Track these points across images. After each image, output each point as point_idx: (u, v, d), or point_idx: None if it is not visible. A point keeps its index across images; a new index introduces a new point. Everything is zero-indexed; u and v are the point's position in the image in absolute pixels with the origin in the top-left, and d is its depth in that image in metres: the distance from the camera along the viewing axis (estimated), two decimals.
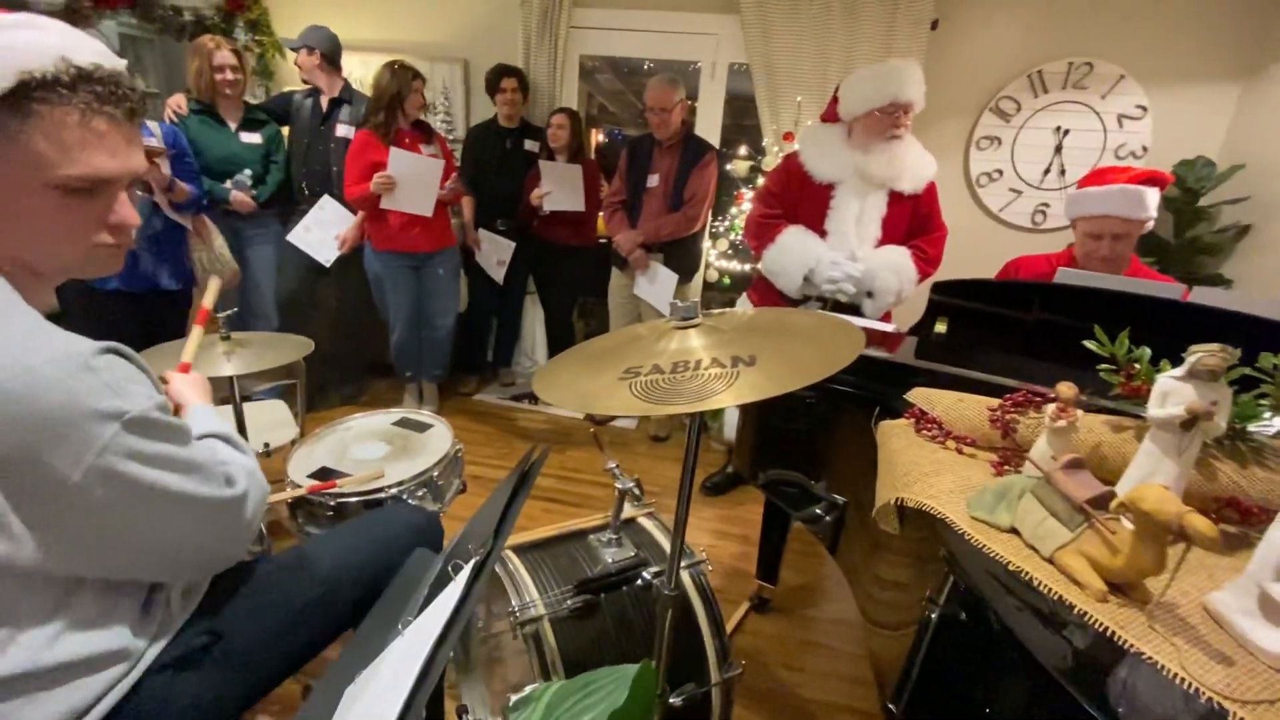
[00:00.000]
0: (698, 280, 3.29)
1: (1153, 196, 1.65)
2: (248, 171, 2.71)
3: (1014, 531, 0.69)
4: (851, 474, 1.09)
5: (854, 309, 2.03)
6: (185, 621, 0.85)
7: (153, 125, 2.21)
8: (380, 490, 1.38)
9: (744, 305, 2.38)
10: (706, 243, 3.20)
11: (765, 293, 2.23)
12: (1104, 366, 0.84)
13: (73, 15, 3.92)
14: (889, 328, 1.68)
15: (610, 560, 1.28)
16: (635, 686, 0.48)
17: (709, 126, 3.26)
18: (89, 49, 0.68)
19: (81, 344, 0.66)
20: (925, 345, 1.48)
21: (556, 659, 1.13)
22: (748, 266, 3.10)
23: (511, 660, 1.46)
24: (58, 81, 0.64)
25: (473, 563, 0.67)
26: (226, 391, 1.50)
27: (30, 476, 0.62)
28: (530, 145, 3.19)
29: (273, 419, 2.11)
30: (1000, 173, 2.93)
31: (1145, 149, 2.77)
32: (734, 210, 3.12)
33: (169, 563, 0.77)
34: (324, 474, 1.43)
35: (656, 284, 2.91)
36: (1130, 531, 0.57)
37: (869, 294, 1.99)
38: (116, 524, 0.69)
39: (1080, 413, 0.77)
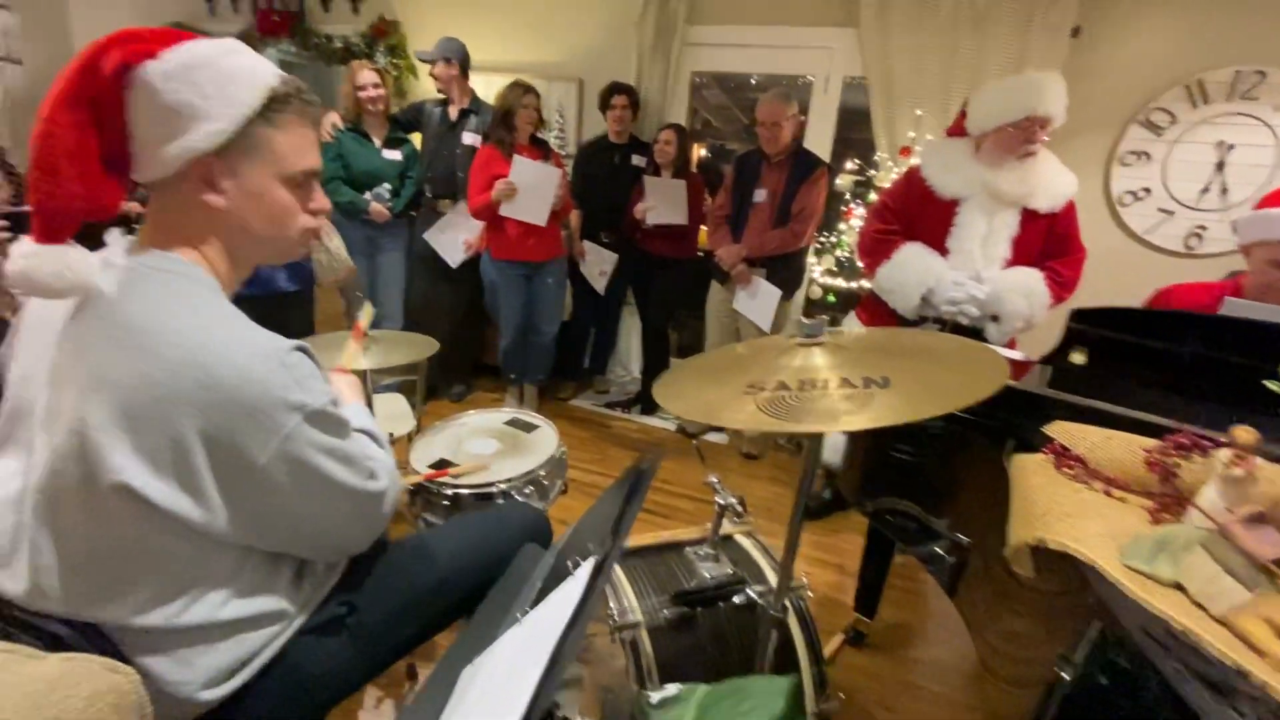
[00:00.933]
0: (800, 296, 3.23)
1: None
2: (387, 185, 2.98)
3: (1177, 587, 0.63)
4: (978, 512, 1.03)
5: (975, 333, 1.91)
6: (327, 593, 0.94)
7: None
8: (491, 485, 1.46)
9: (852, 324, 2.31)
10: (811, 258, 3.13)
11: (875, 312, 2.14)
12: None
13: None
14: (1016, 355, 1.57)
15: (708, 575, 1.28)
16: (789, 699, 0.48)
17: (819, 141, 3.20)
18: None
19: (279, 341, 0.76)
20: (1060, 376, 1.37)
21: (652, 666, 1.14)
22: (854, 284, 3.00)
23: (603, 662, 1.48)
24: (286, 95, 0.77)
25: (593, 560, 0.69)
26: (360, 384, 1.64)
27: (229, 455, 0.71)
28: (637, 160, 3.27)
29: (393, 411, 2.28)
30: (1148, 191, 2.66)
31: None
32: (841, 226, 3.04)
33: (316, 543, 0.86)
34: (441, 465, 1.53)
35: (757, 299, 2.88)
36: None
37: (994, 318, 1.86)
38: (284, 504, 0.78)
39: (1260, 461, 0.69)
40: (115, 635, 0.74)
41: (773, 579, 1.34)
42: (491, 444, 1.63)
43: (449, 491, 1.44)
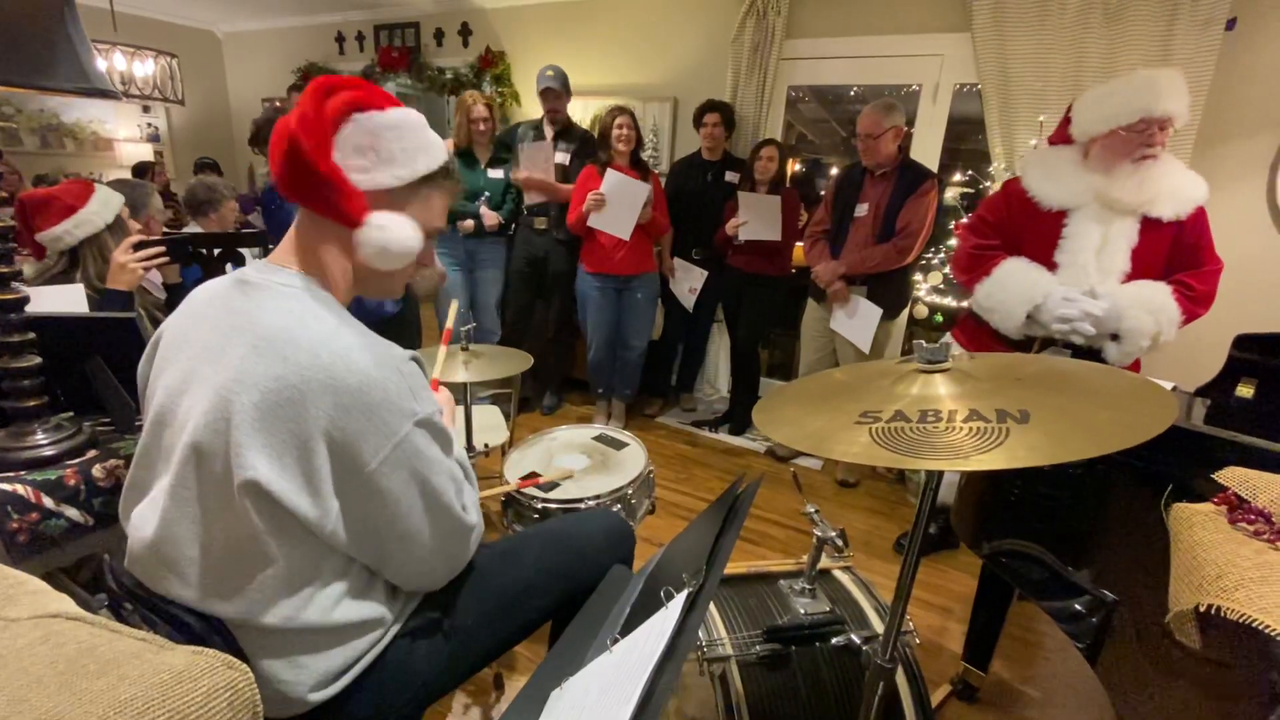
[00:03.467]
0: (903, 317, 3.06)
1: None
2: (486, 194, 3.14)
3: None
4: (1128, 565, 0.89)
5: (1092, 354, 1.70)
6: (421, 599, 0.96)
7: None
8: (580, 501, 1.46)
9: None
10: (916, 276, 2.96)
11: (974, 333, 1.96)
12: None
13: (369, 79, 4.88)
14: (1167, 385, 1.38)
15: (803, 611, 1.21)
16: None
17: (927, 152, 3.04)
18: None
19: (396, 350, 0.82)
20: (1221, 411, 1.20)
21: (742, 704, 1.09)
22: (964, 303, 2.80)
23: (691, 691, 1.44)
24: (447, 169, 0.92)
25: (686, 593, 0.66)
26: (460, 395, 1.70)
27: (346, 456, 0.75)
28: (731, 176, 3.24)
29: (488, 422, 2.36)
30: None
31: None
32: (951, 242, 2.85)
33: (405, 560, 0.87)
34: (532, 475, 1.55)
35: (856, 318, 2.75)
36: None
37: (1114, 336, 1.65)
38: (385, 513, 0.81)
39: None
40: (238, 633, 0.79)
41: (875, 621, 1.24)
42: (581, 459, 1.64)
43: (539, 506, 1.46)
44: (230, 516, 0.76)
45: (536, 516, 1.47)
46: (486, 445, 1.85)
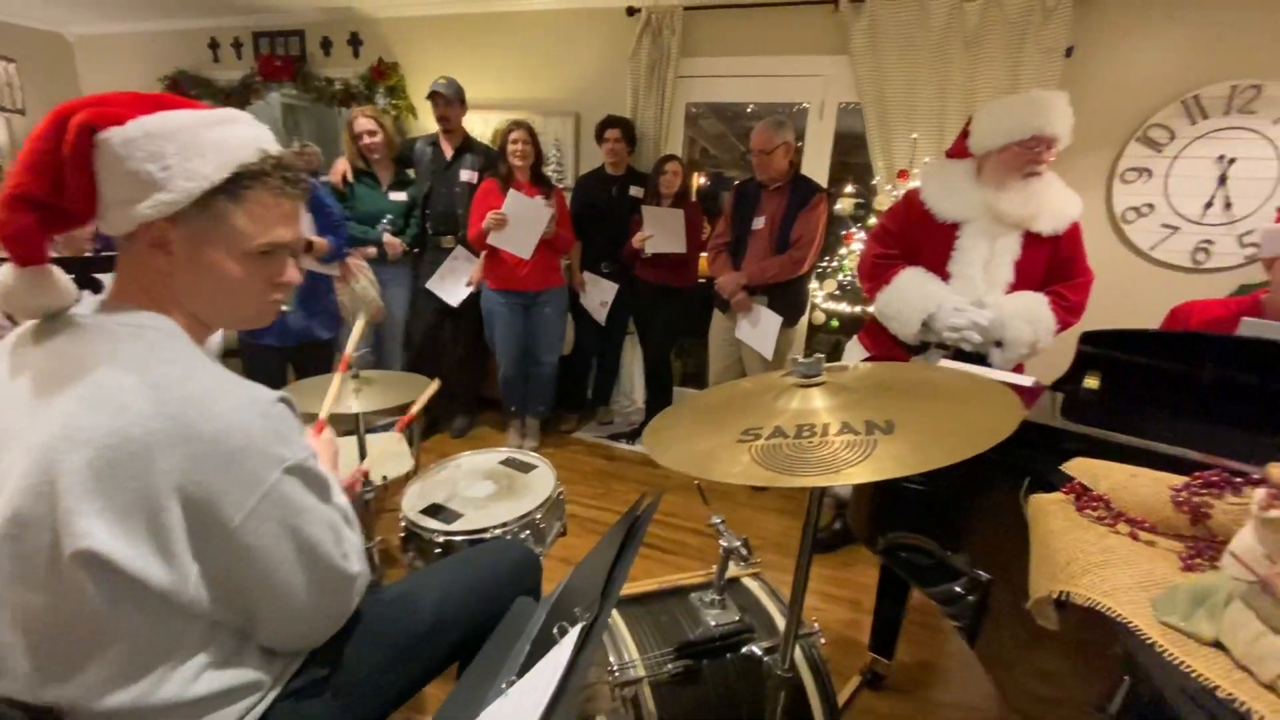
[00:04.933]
0: (803, 323, 3.19)
1: None
2: (389, 216, 3.00)
3: (1218, 646, 0.57)
4: (1000, 545, 0.96)
5: (979, 358, 1.86)
6: (305, 656, 0.88)
7: None
8: (485, 531, 1.41)
9: (855, 349, 2.26)
10: (813, 283, 3.10)
11: (878, 337, 2.10)
12: None
13: (247, 89, 4.56)
14: (1025, 380, 1.51)
15: (713, 623, 1.22)
16: None
17: (816, 167, 3.20)
18: (269, 137, 0.80)
19: (260, 391, 0.74)
20: (1073, 403, 1.32)
21: None
22: (858, 309, 2.97)
23: (605, 715, 1.41)
24: (262, 170, 0.76)
25: (579, 628, 0.64)
26: (352, 426, 1.60)
27: (205, 513, 0.68)
28: (635, 191, 3.28)
29: (390, 451, 2.24)
30: (1151, 207, 2.63)
31: None
32: (842, 251, 3.02)
33: (280, 620, 0.79)
34: (434, 511, 1.48)
35: (759, 327, 2.85)
36: None
37: (998, 344, 1.81)
38: (256, 570, 0.73)
39: None
40: None
41: (782, 626, 1.27)
42: (487, 486, 1.58)
43: (441, 539, 1.39)
44: (59, 593, 0.66)
45: (439, 550, 1.40)
46: (385, 478, 1.75)
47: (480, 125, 3.73)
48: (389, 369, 3.22)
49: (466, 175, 3.13)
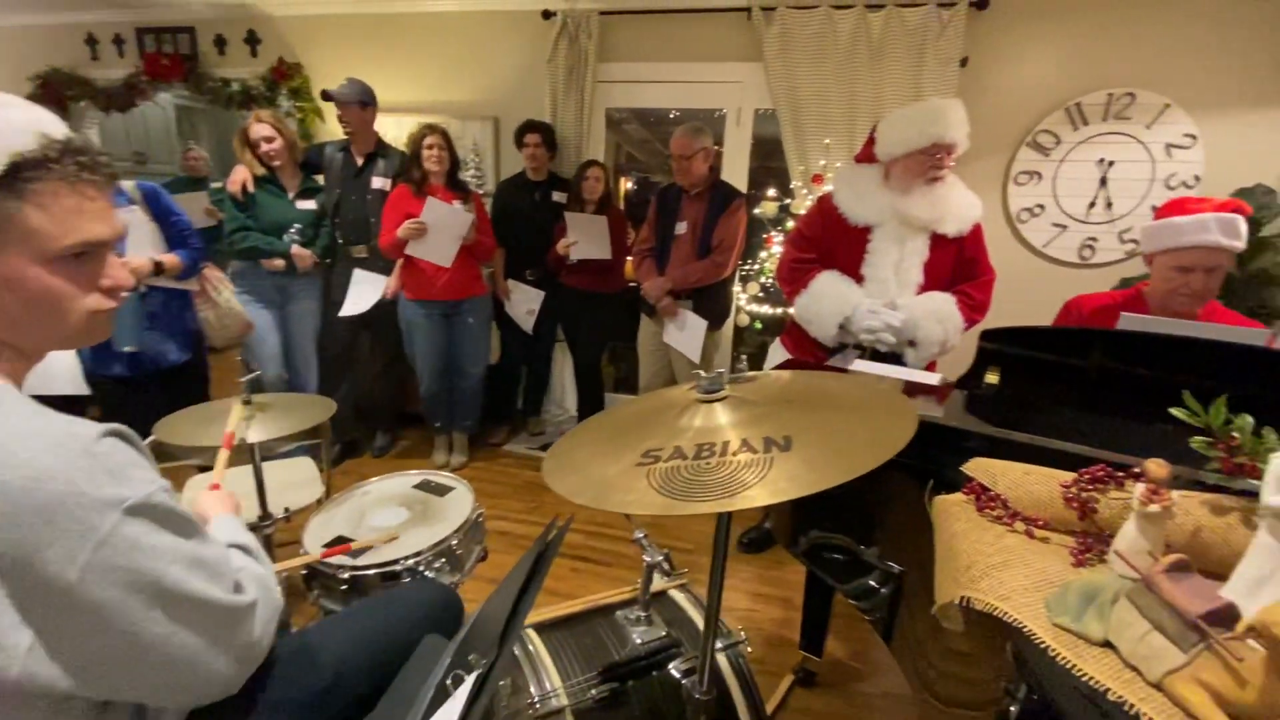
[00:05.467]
0: (729, 326, 3.22)
1: (1244, 226, 1.50)
2: (297, 226, 2.81)
3: (1108, 644, 0.58)
4: (910, 537, 0.97)
5: (895, 357, 1.92)
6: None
7: (128, 185, 2.14)
8: (396, 562, 1.32)
9: (778, 351, 2.29)
10: (736, 287, 3.14)
11: (800, 339, 2.13)
12: (1198, 439, 0.73)
13: (131, 90, 4.20)
14: (933, 379, 1.56)
15: (639, 641, 1.18)
16: None
17: (735, 172, 3.25)
18: (51, 119, 0.69)
19: (81, 427, 0.63)
20: (976, 399, 1.37)
21: None
22: (779, 310, 3.03)
23: None
24: (46, 157, 0.65)
25: (474, 676, 0.59)
26: (248, 456, 1.47)
27: (27, 574, 0.57)
28: (558, 197, 3.22)
29: (298, 478, 2.09)
30: (1042, 208, 2.82)
31: (1197, 178, 2.63)
32: (763, 254, 3.07)
33: (164, 682, 0.68)
34: (339, 543, 1.38)
35: (686, 331, 2.85)
36: (1262, 659, 0.46)
37: (911, 343, 1.87)
38: (117, 631, 0.62)
39: (1175, 495, 0.66)
40: None
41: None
42: (399, 513, 1.49)
43: (346, 575, 1.29)
44: None
45: (345, 587, 1.30)
46: (288, 510, 1.62)
47: (394, 129, 3.57)
48: (302, 389, 3.04)
49: (379, 182, 2.98)
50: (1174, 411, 0.74)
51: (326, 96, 2.88)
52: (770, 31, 2.89)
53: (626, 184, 6.21)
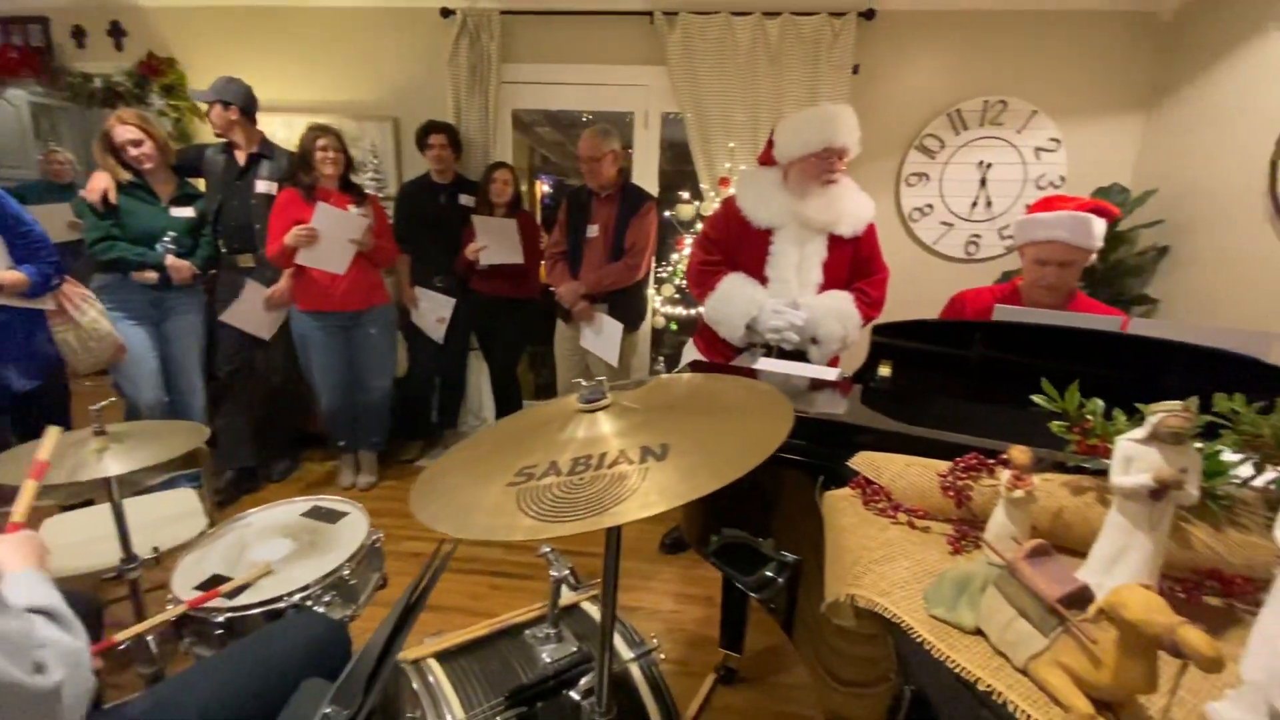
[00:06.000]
0: (646, 328, 3.22)
1: (1099, 226, 1.64)
2: (171, 235, 2.56)
3: (980, 633, 0.60)
4: (804, 525, 0.98)
5: (800, 354, 1.97)
6: None
7: None
8: (279, 599, 1.21)
9: (690, 351, 2.31)
10: (651, 289, 3.15)
11: (711, 339, 2.16)
12: (1056, 423, 0.77)
13: None
14: (832, 374, 1.61)
15: (548, 659, 1.13)
16: None
17: (646, 175, 3.25)
18: None
19: None
20: (871, 392, 1.42)
21: None
22: (693, 311, 3.05)
23: None
24: None
25: None
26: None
27: None
28: (466, 200, 3.12)
29: (177, 512, 1.90)
30: (931, 207, 2.99)
31: (1063, 179, 2.87)
32: (675, 256, 3.09)
33: None
34: (213, 584, 1.25)
35: (603, 335, 2.83)
36: (1114, 639, 0.48)
37: (814, 340, 1.93)
38: None
39: (1038, 479, 0.69)
40: None
41: (623, 649, 1.22)
42: (283, 545, 1.37)
43: (221, 618, 1.17)
44: None
45: (221, 632, 1.18)
46: (157, 549, 1.46)
47: (284, 130, 3.35)
48: (185, 413, 2.77)
49: (264, 186, 2.77)
50: (1035, 399, 0.78)
51: (196, 99, 2.65)
52: (673, 36, 2.92)
53: (543, 187, 6.14)
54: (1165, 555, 0.65)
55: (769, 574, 1.08)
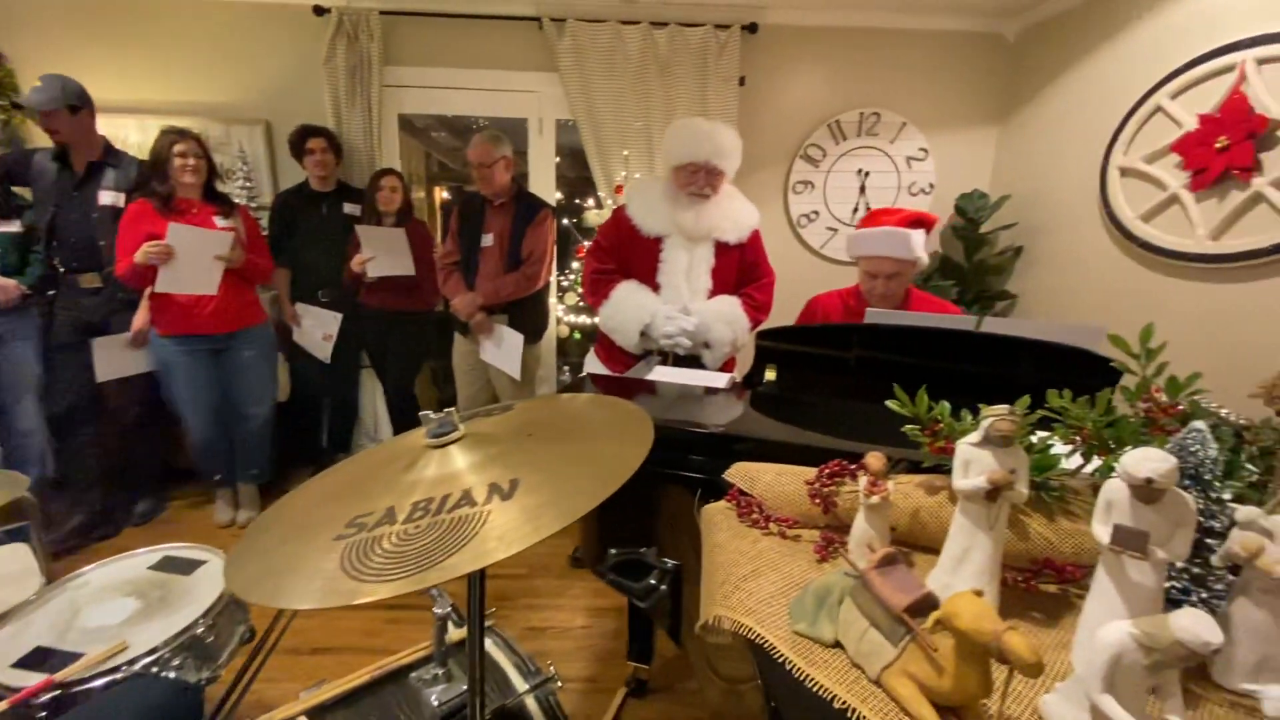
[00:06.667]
0: (550, 339, 3.17)
1: (919, 238, 1.79)
2: None
3: (839, 645, 0.60)
4: (685, 529, 0.97)
5: (695, 360, 1.99)
6: None
7: None
8: (118, 669, 1.06)
9: (591, 361, 2.28)
10: (553, 299, 3.09)
11: (610, 348, 2.15)
12: (910, 426, 0.81)
13: None
14: (725, 379, 1.63)
15: (436, 703, 1.06)
16: None
17: (543, 182, 3.20)
18: None
19: None
20: (758, 396, 1.44)
21: None
22: (595, 320, 3.03)
23: None
24: None
25: None
26: None
27: None
28: (350, 209, 2.93)
29: (5, 572, 1.64)
30: (817, 214, 3.13)
31: (932, 185, 3.09)
32: (576, 264, 3.06)
33: None
34: (38, 659, 1.08)
35: (503, 347, 2.74)
36: (952, 647, 0.49)
37: (706, 345, 1.96)
38: None
39: (892, 485, 0.72)
40: None
41: (517, 681, 1.17)
42: (125, 606, 1.21)
43: (46, 698, 1.01)
44: None
45: (45, 714, 1.02)
46: None
47: (137, 133, 3.03)
48: (21, 458, 2.43)
49: (109, 197, 2.48)
50: (889, 404, 0.81)
51: (16, 105, 2.34)
52: (563, 43, 2.89)
53: (442, 194, 5.95)
54: (1006, 549, 0.69)
55: (653, 582, 1.07)
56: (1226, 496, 0.61)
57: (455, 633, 1.19)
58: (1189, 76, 2.09)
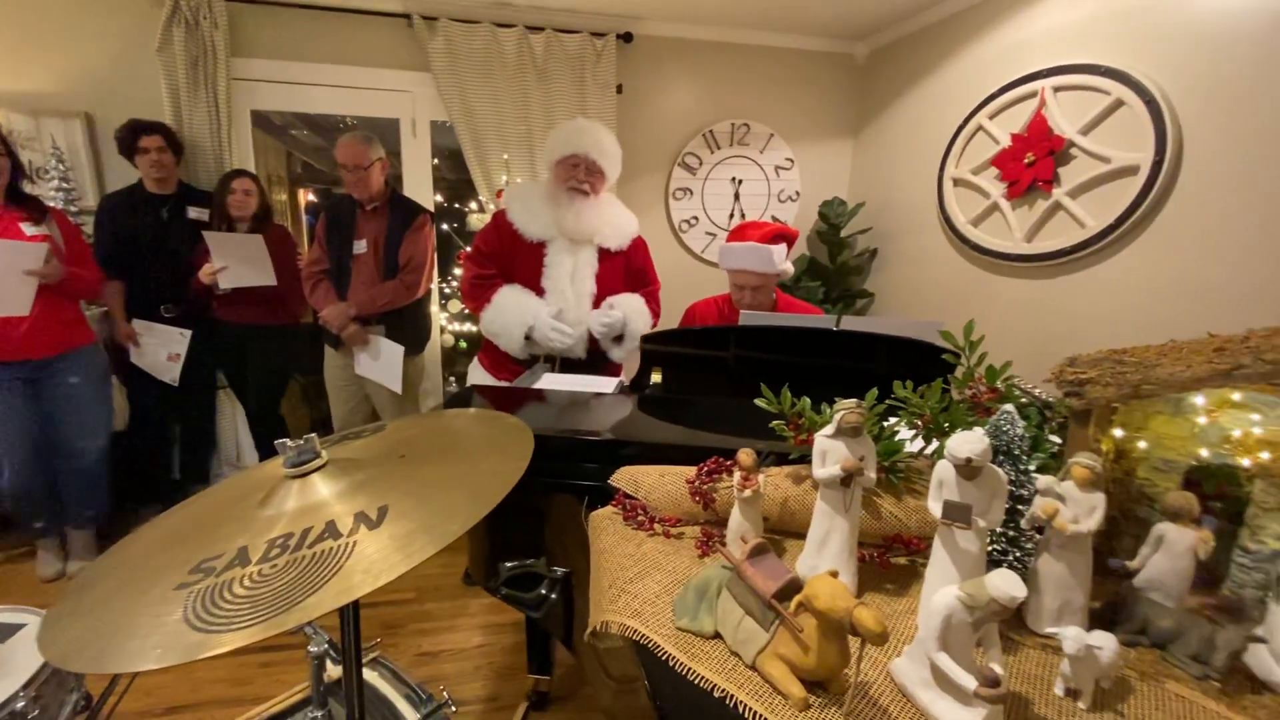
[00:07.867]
0: (434, 349, 3.04)
1: (780, 252, 1.93)
2: None
3: (719, 636, 0.64)
4: (573, 536, 0.97)
5: (583, 364, 2.00)
6: None
7: None
8: None
9: (476, 370, 2.22)
10: (435, 307, 2.97)
11: (496, 356, 2.10)
12: (777, 422, 0.87)
13: None
14: (613, 384, 1.66)
15: None
16: None
17: (419, 185, 3.07)
18: None
19: None
20: (645, 399, 1.48)
21: None
22: (480, 325, 2.95)
23: None
24: None
25: None
26: None
27: None
28: (196, 213, 2.65)
29: None
30: (696, 219, 3.26)
31: (798, 193, 3.32)
32: (457, 271, 2.96)
33: None
34: None
35: (381, 359, 2.59)
36: (815, 626, 0.54)
37: (618, 339, 1.99)
38: None
39: (763, 478, 0.77)
40: None
41: (408, 712, 1.12)
42: None
43: None
44: None
45: None
46: None
47: None
48: None
49: None
50: (757, 402, 0.86)
51: None
52: (435, 43, 2.79)
53: (307, 196, 5.54)
54: (862, 528, 0.76)
55: (543, 592, 1.06)
56: (1032, 468, 0.72)
57: (335, 670, 1.11)
58: (1002, 100, 2.40)
